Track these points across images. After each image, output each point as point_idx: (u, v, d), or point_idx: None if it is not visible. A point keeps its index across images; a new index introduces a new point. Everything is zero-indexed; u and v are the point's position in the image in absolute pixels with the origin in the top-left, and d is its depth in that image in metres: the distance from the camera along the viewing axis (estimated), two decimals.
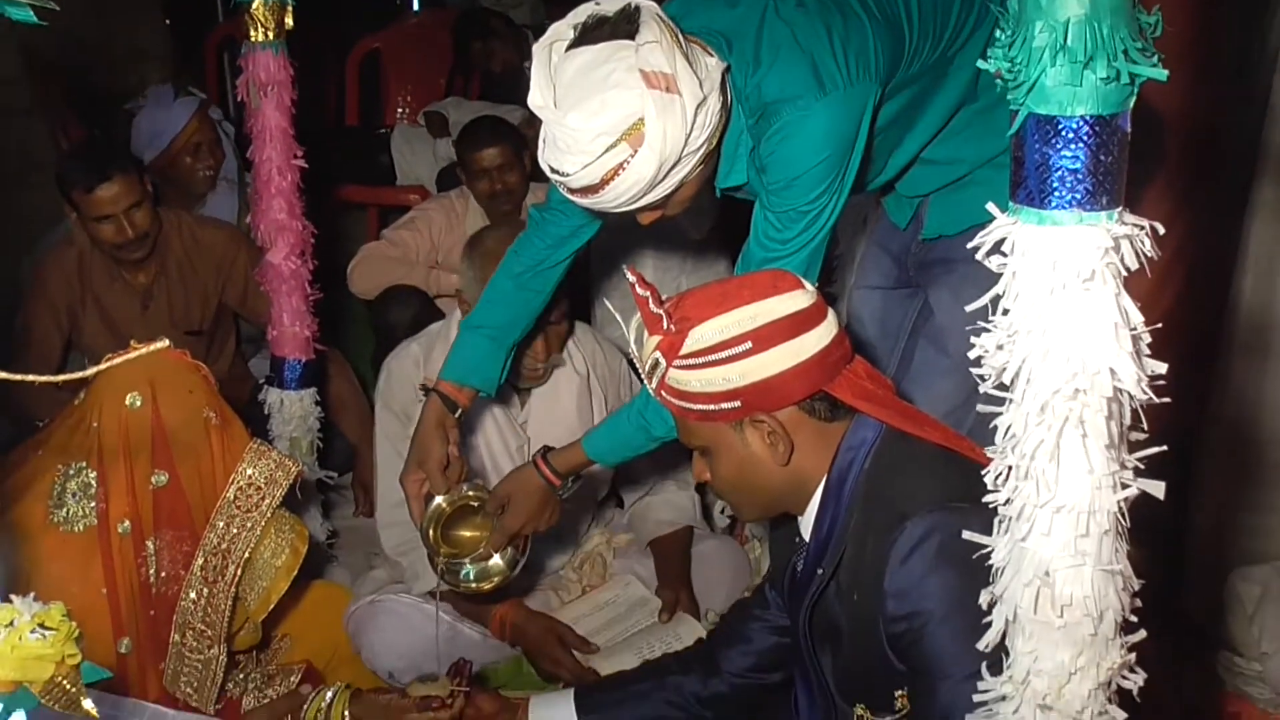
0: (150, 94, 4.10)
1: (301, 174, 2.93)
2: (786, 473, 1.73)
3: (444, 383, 2.37)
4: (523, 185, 3.95)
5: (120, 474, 2.01)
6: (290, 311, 3.01)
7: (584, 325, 3.01)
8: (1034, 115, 1.08)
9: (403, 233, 4.08)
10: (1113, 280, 1.09)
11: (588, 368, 2.89)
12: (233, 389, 3.36)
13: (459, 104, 5.33)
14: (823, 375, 1.67)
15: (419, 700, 2.11)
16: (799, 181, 1.92)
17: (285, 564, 2.14)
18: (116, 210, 3.20)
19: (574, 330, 2.88)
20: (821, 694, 1.85)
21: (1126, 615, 1.22)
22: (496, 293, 2.37)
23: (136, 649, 2.07)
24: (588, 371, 2.89)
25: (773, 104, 1.92)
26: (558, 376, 2.84)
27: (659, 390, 1.73)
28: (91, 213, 3.20)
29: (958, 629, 1.51)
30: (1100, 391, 1.10)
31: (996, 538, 1.24)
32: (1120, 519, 1.17)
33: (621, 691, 2.16)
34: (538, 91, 1.83)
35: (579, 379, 2.87)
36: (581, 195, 1.88)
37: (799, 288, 1.68)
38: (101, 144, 3.89)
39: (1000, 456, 1.20)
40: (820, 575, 1.74)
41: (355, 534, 3.39)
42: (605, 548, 3.00)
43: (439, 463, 2.33)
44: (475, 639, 2.71)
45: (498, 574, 2.38)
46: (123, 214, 3.21)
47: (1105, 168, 1.07)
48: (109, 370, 1.94)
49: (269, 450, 2.13)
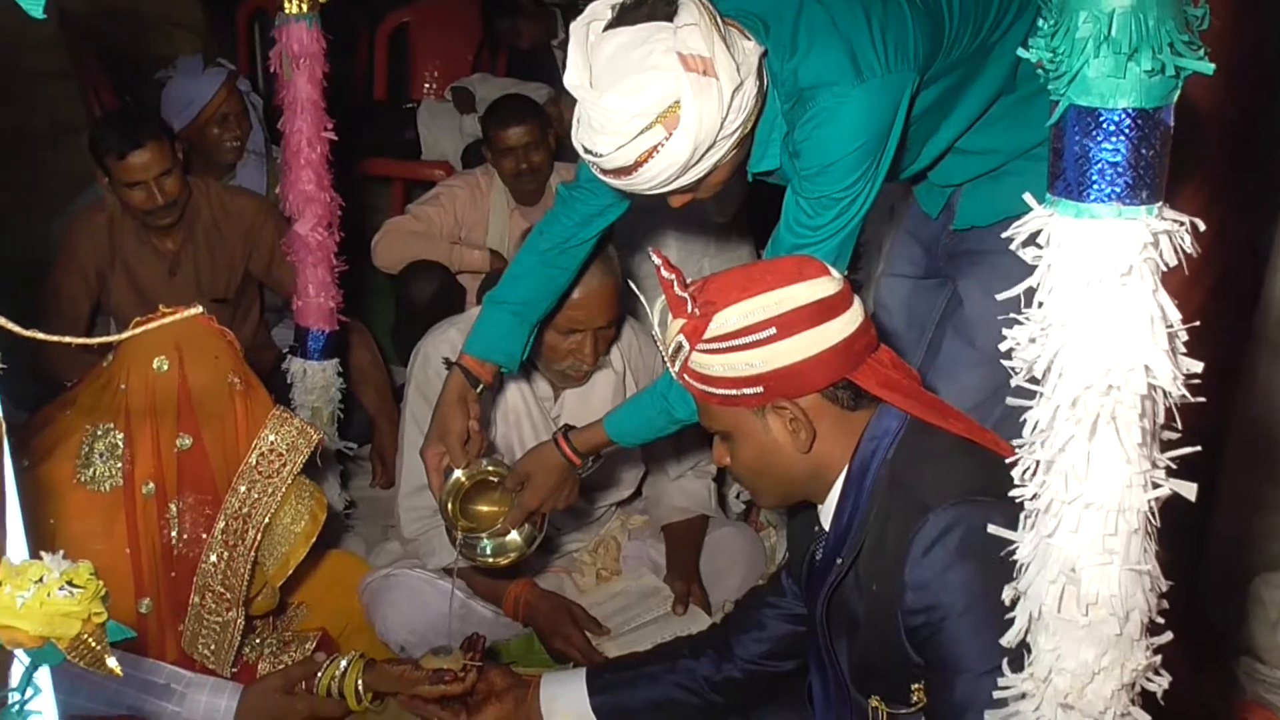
0: (179, 64, 4.13)
1: (330, 146, 2.93)
2: (807, 460, 1.72)
3: (467, 357, 2.37)
4: (548, 164, 3.94)
5: (146, 436, 2.03)
6: (315, 282, 3.02)
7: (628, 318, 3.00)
8: (1075, 106, 1.06)
9: (427, 208, 4.08)
10: (1150, 276, 1.08)
11: (625, 364, 2.88)
12: (257, 358, 3.37)
13: (486, 80, 5.33)
14: (847, 363, 1.66)
15: (432, 673, 2.12)
16: (833, 168, 1.91)
17: (304, 531, 2.16)
18: (147, 177, 3.23)
19: (621, 334, 2.87)
20: (837, 685, 1.85)
21: (1153, 616, 1.21)
22: (522, 269, 2.37)
23: (156, 609, 2.09)
24: (624, 368, 2.87)
25: (809, 89, 1.91)
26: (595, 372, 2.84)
27: (682, 373, 1.72)
28: (123, 178, 3.23)
29: (977, 624, 1.51)
30: (1134, 388, 1.09)
31: (1022, 533, 1.23)
32: (1150, 518, 1.16)
33: (633, 672, 2.16)
34: (574, 71, 1.82)
35: (615, 376, 2.86)
36: (615, 176, 1.87)
37: (825, 274, 1.67)
38: (134, 110, 3.91)
39: (1029, 451, 1.19)
40: (839, 565, 1.73)
41: (372, 504, 3.41)
42: (620, 530, 3.00)
43: (459, 436, 2.33)
44: (488, 616, 2.71)
45: (515, 549, 2.38)
46: (153, 180, 3.23)
47: (1146, 161, 1.05)
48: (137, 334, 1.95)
49: (291, 417, 2.14)
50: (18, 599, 0.99)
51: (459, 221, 4.08)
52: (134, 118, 3.46)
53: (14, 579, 1.00)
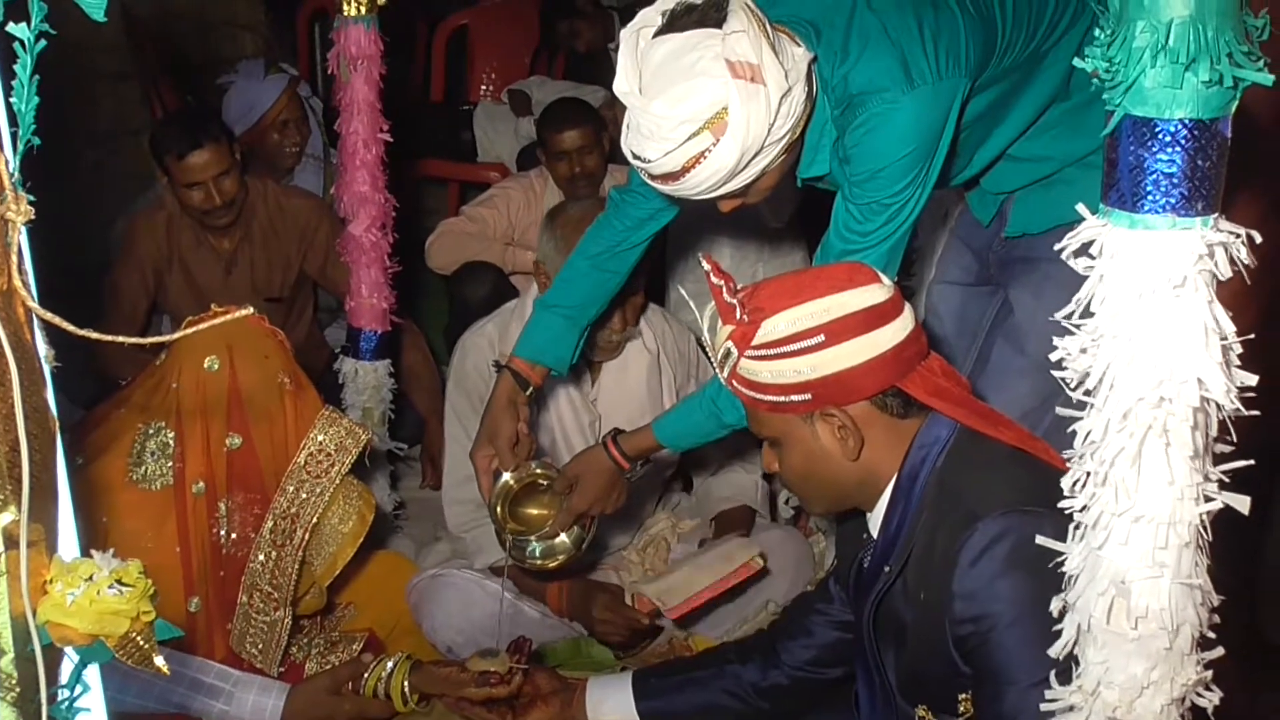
0: (241, 69, 4.17)
1: (385, 148, 2.96)
2: (856, 467, 1.71)
3: (517, 360, 2.38)
4: (601, 167, 3.95)
5: (197, 435, 2.05)
6: (369, 283, 3.04)
7: (655, 305, 3.01)
8: (1130, 117, 1.05)
9: (481, 210, 4.09)
10: (1205, 288, 1.06)
11: (658, 346, 2.89)
12: (309, 357, 3.41)
13: (543, 83, 5.34)
14: (896, 371, 1.65)
15: (478, 675, 2.13)
16: (883, 174, 1.90)
17: (352, 531, 2.17)
18: (206, 177, 3.28)
19: (647, 306, 2.87)
20: (883, 693, 1.84)
21: (1204, 631, 1.19)
22: (573, 273, 2.38)
23: (205, 608, 2.11)
24: (658, 349, 2.89)
25: (859, 96, 1.90)
26: (629, 353, 2.85)
27: (730, 380, 1.72)
28: (182, 179, 3.28)
29: (1026, 635, 1.49)
30: (1187, 401, 1.08)
31: (1071, 544, 1.22)
32: (1201, 532, 1.14)
33: (680, 677, 2.15)
34: (623, 77, 1.83)
35: (649, 356, 2.87)
36: (662, 182, 1.87)
37: (876, 281, 1.66)
38: (195, 111, 3.96)
39: (1079, 462, 1.18)
40: (887, 573, 1.72)
41: (422, 505, 3.42)
42: (669, 531, 3.00)
43: (508, 440, 2.34)
44: (535, 617, 2.72)
45: (563, 552, 2.39)
46: (211, 181, 3.28)
47: (1203, 173, 1.04)
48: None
49: (340, 418, 2.16)
50: (68, 596, 1.00)
51: (513, 223, 4.10)
52: (194, 118, 3.51)
53: (65, 576, 1.01)
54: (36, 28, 0.89)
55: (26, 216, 0.94)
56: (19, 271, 0.95)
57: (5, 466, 0.93)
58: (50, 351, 1.02)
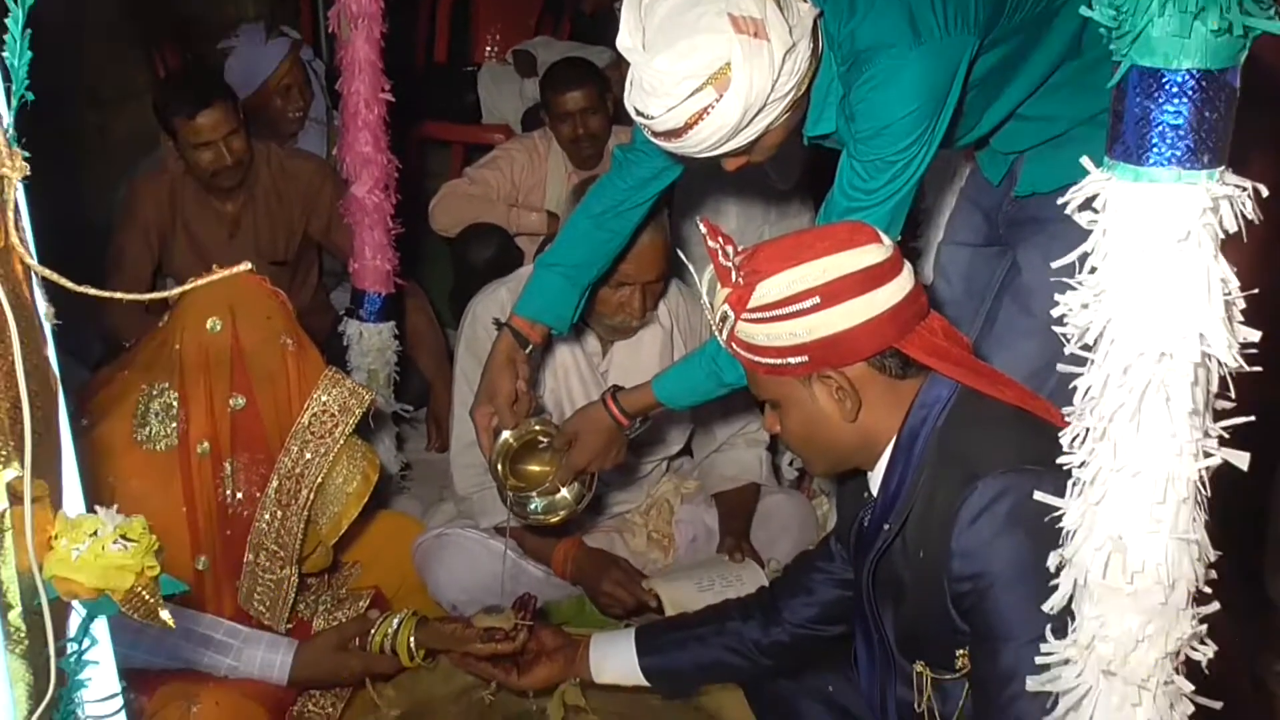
0: (242, 33, 4.14)
1: (388, 109, 2.94)
2: (855, 428, 1.71)
3: (517, 318, 2.38)
4: (605, 129, 3.93)
5: (200, 396, 2.06)
6: (372, 245, 3.04)
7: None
8: (1137, 68, 1.04)
9: (484, 171, 4.08)
10: (1209, 242, 1.06)
11: (672, 321, 2.88)
12: (315, 321, 3.42)
13: (548, 44, 5.31)
14: (894, 332, 1.65)
15: (484, 631, 2.15)
16: (888, 131, 1.89)
17: (356, 490, 2.18)
18: (216, 137, 3.27)
19: (666, 292, 2.87)
20: (882, 650, 1.85)
21: (1200, 586, 1.19)
22: (575, 232, 2.37)
23: (213, 566, 2.13)
24: (672, 325, 2.88)
25: (865, 52, 1.88)
26: (642, 328, 2.84)
27: (729, 342, 1.72)
28: (192, 139, 3.27)
29: (1024, 592, 1.49)
30: (1187, 356, 1.07)
31: (1069, 500, 1.22)
32: (1200, 488, 1.14)
33: (682, 634, 2.17)
34: (626, 33, 1.82)
35: (663, 332, 2.87)
36: (666, 139, 1.87)
37: (875, 241, 1.65)
38: (200, 71, 3.93)
39: (1078, 418, 1.18)
40: (887, 531, 1.73)
41: (428, 467, 3.44)
42: (673, 494, 3.00)
43: (508, 397, 2.35)
44: (538, 576, 2.74)
45: (564, 507, 2.40)
46: (221, 140, 3.28)
47: (1210, 124, 1.03)
48: (191, 294, 1.98)
49: (343, 378, 2.16)
50: (73, 551, 1.01)
51: (516, 185, 4.09)
52: (200, 78, 3.51)
53: (70, 532, 1.02)
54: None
55: (22, 172, 0.94)
56: (16, 228, 0.95)
57: (7, 424, 0.94)
58: (50, 309, 1.02)
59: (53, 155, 1.06)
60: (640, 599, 2.59)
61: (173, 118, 3.26)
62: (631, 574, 2.68)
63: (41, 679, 0.98)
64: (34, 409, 0.95)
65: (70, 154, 4.11)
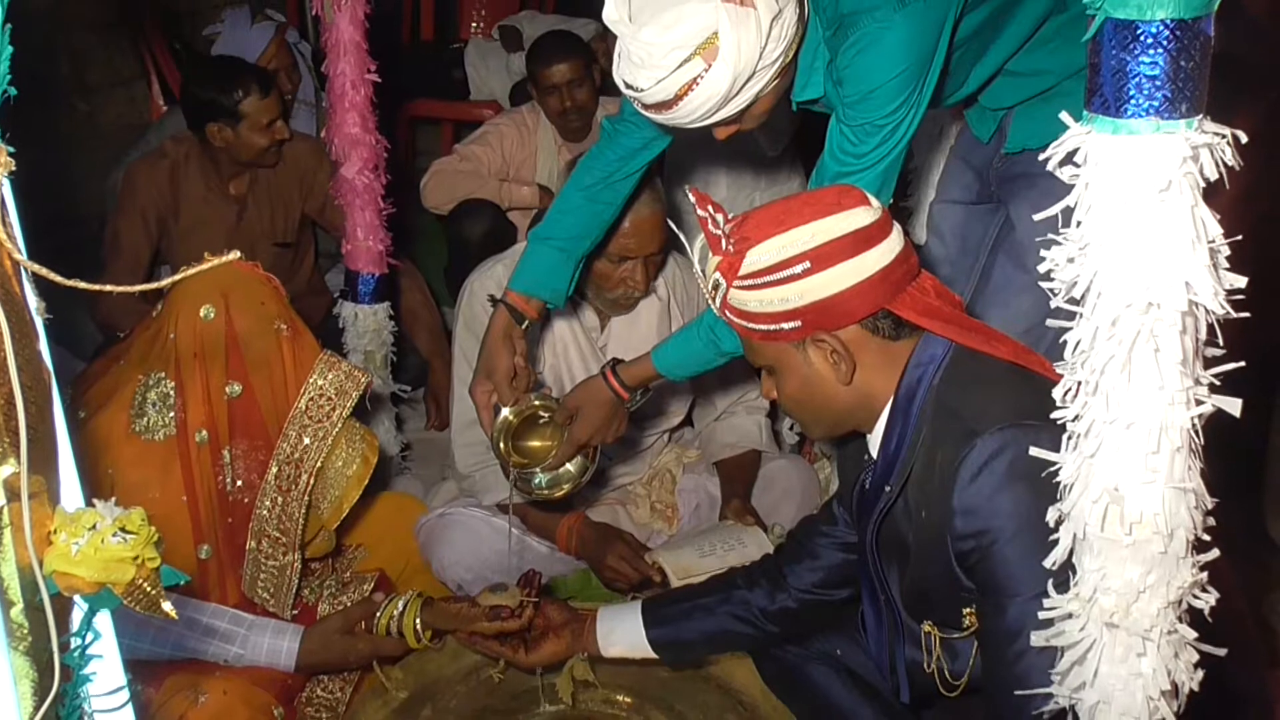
0: (228, 18, 4.13)
1: (376, 88, 2.93)
2: (851, 391, 1.71)
3: (512, 294, 2.38)
4: (593, 100, 3.92)
5: (197, 384, 2.06)
6: (363, 226, 3.04)
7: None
8: (1112, 20, 1.04)
9: (474, 148, 4.07)
10: (1190, 191, 1.06)
11: (669, 292, 2.89)
12: (311, 303, 3.43)
13: (533, 18, 5.29)
14: (885, 293, 1.65)
15: (489, 609, 2.15)
16: (876, 94, 1.88)
17: (356, 473, 2.18)
18: (275, 115, 3.37)
19: (666, 264, 2.87)
20: (889, 611, 1.86)
21: (1199, 534, 1.20)
22: (567, 204, 2.37)
23: (216, 555, 2.13)
24: (669, 296, 2.88)
25: (850, 15, 1.88)
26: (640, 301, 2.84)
27: (722, 310, 1.72)
28: (263, 118, 3.34)
29: (1027, 547, 1.50)
30: (1174, 305, 1.08)
31: (1065, 454, 1.22)
32: (1193, 436, 1.14)
33: (688, 604, 2.17)
34: (613, 5, 1.82)
35: (660, 304, 2.87)
36: (656, 111, 1.86)
37: (864, 204, 1.65)
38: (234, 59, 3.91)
39: (1070, 372, 1.18)
40: (888, 492, 1.73)
41: (429, 446, 3.44)
42: (675, 464, 3.01)
43: (506, 374, 2.35)
44: (543, 553, 2.75)
45: (568, 481, 2.40)
46: (278, 119, 3.40)
47: (1186, 74, 1.03)
48: (183, 283, 1.98)
49: (339, 362, 2.16)
50: (73, 546, 1.01)
51: (506, 160, 4.08)
52: (244, 63, 3.56)
53: (69, 526, 1.02)
54: None
55: (8, 168, 0.94)
56: (4, 223, 0.95)
57: (1, 420, 0.94)
58: (41, 304, 1.02)
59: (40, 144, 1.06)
60: (644, 573, 2.60)
61: (240, 103, 3.30)
62: (635, 547, 2.69)
63: (46, 675, 0.99)
64: (28, 404, 0.95)
65: (58, 142, 4.10)
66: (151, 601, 1.08)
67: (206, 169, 3.45)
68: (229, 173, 3.46)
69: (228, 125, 3.33)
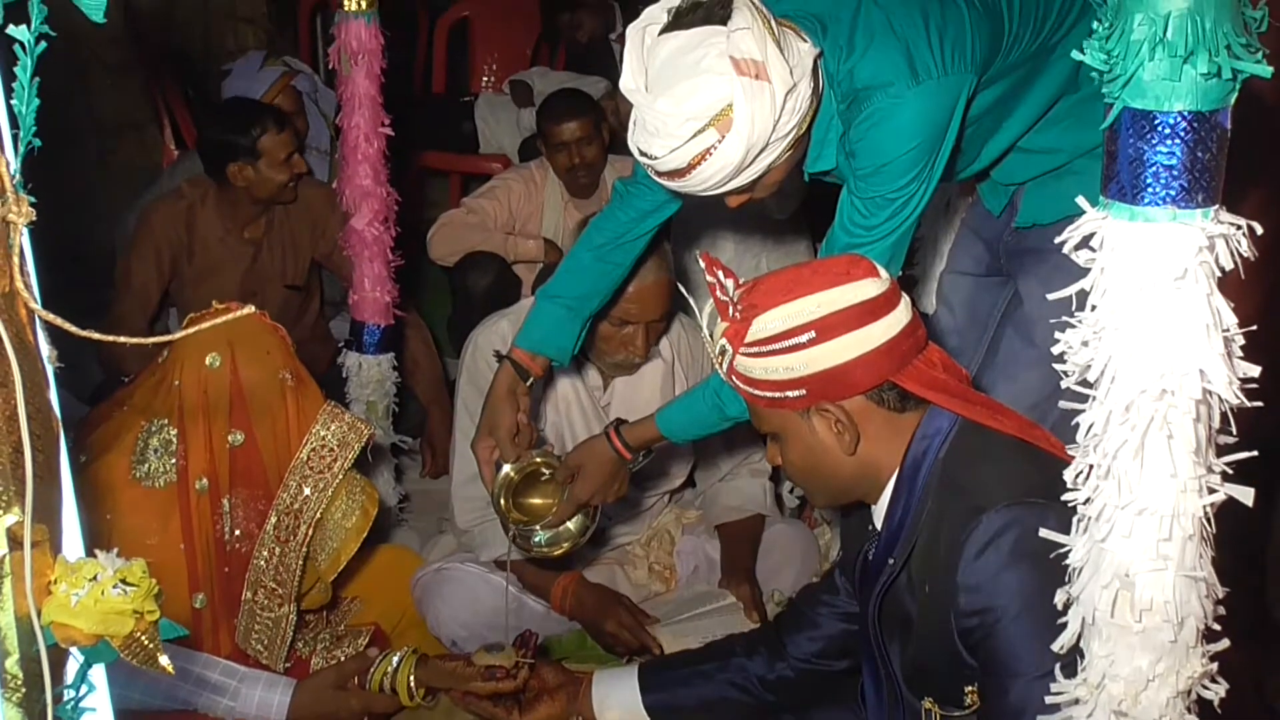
0: (236, 64, 4.18)
1: (387, 141, 2.95)
2: (855, 462, 1.71)
3: (517, 350, 2.38)
4: (601, 158, 3.95)
5: (199, 432, 2.05)
6: (371, 277, 3.05)
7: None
8: (1129, 109, 1.05)
9: (482, 201, 4.10)
10: (1205, 279, 1.06)
11: (673, 354, 2.88)
12: (315, 350, 3.43)
13: (544, 74, 5.33)
14: (890, 365, 1.65)
15: (484, 669, 2.13)
16: (888, 168, 1.90)
17: (355, 525, 2.17)
18: (291, 148, 3.39)
19: (670, 329, 2.87)
20: (889, 685, 1.84)
21: (1209, 623, 1.19)
22: (576, 264, 2.38)
23: (211, 604, 2.12)
24: (673, 358, 2.88)
25: (864, 90, 1.89)
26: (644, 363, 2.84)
27: (729, 375, 1.72)
28: (280, 153, 3.36)
29: (1032, 627, 1.49)
30: (1188, 393, 1.07)
31: (1075, 537, 1.22)
32: (1205, 524, 1.14)
33: (686, 670, 2.15)
34: (629, 75, 1.83)
35: (664, 365, 2.87)
36: (669, 178, 1.88)
37: (872, 275, 1.65)
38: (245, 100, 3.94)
39: (1081, 455, 1.18)
40: (891, 565, 1.72)
41: (426, 499, 3.43)
42: (674, 525, 3.00)
43: (509, 430, 2.34)
44: (539, 611, 2.73)
45: (568, 539, 2.39)
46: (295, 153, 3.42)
47: (1202, 165, 1.04)
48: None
49: (342, 413, 2.16)
50: (72, 597, 1.00)
51: (513, 214, 4.10)
52: (259, 104, 3.60)
53: (69, 577, 1.01)
54: (36, 30, 0.88)
55: (28, 218, 0.94)
56: (21, 273, 0.95)
57: (9, 468, 0.93)
58: (53, 352, 1.02)
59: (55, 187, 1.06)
60: (645, 644, 2.58)
61: (260, 139, 3.32)
62: (635, 613, 2.67)
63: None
64: (35, 453, 0.94)
65: (73, 184, 4.12)
66: (149, 655, 1.06)
67: (224, 212, 3.47)
68: (246, 215, 3.47)
69: (248, 164, 3.34)
